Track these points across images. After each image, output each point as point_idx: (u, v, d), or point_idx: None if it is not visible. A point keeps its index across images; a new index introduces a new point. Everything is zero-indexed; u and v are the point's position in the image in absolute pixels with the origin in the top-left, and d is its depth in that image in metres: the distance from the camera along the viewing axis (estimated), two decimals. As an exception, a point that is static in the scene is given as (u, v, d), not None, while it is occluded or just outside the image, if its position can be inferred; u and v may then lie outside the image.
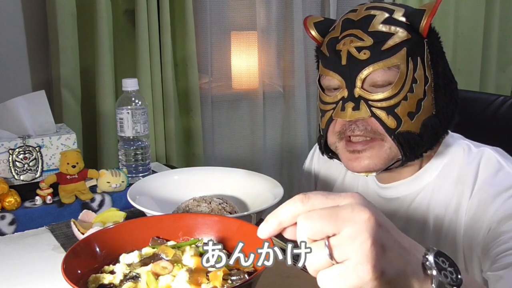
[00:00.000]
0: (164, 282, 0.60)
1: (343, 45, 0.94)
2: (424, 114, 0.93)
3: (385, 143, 0.93)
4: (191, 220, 0.73)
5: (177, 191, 1.12)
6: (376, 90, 0.93)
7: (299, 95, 2.18)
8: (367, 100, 0.92)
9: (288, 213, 0.49)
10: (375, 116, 0.92)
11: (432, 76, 0.94)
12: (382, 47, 0.92)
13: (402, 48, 0.92)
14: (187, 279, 0.58)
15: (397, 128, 0.92)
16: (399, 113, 0.92)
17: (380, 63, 0.91)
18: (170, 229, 0.72)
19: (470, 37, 2.43)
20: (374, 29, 0.93)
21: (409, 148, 0.93)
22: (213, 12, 2.03)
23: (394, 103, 0.92)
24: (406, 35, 0.92)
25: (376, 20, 0.94)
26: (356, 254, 0.46)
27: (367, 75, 0.92)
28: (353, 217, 0.47)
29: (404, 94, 0.92)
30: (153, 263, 0.63)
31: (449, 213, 0.95)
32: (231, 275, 0.60)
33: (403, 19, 0.94)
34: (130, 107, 1.27)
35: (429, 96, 0.94)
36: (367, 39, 0.92)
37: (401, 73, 0.92)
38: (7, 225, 1.08)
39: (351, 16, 0.97)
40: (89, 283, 0.63)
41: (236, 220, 0.72)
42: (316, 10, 2.22)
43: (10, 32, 1.72)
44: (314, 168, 1.23)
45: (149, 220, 0.78)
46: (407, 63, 0.92)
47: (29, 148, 1.19)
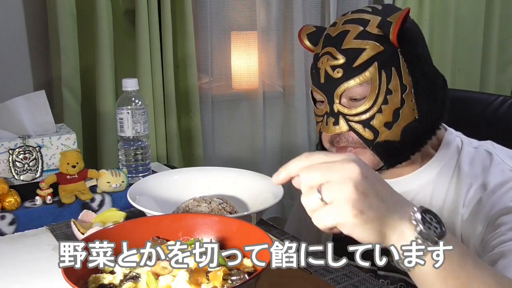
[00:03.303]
0: (164, 282, 0.60)
1: (321, 63, 1.00)
2: (404, 121, 0.96)
3: (367, 150, 0.98)
4: (191, 220, 0.73)
5: (177, 191, 1.12)
6: (353, 104, 0.97)
7: (299, 95, 2.18)
8: (345, 115, 0.97)
9: (294, 166, 0.61)
10: (352, 129, 0.97)
11: (410, 83, 0.96)
12: (354, 64, 0.95)
13: (373, 62, 0.95)
14: (187, 279, 0.59)
15: (375, 139, 0.96)
16: (375, 125, 0.96)
17: (351, 81, 0.95)
18: (170, 229, 0.72)
19: (470, 37, 2.43)
20: (347, 46, 0.96)
21: (389, 156, 0.98)
22: (213, 12, 2.03)
23: (369, 116, 0.96)
24: (377, 47, 0.94)
25: (350, 35, 0.96)
26: (340, 195, 0.56)
27: (341, 92, 0.97)
28: (342, 168, 0.57)
29: (378, 106, 0.95)
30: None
31: (447, 206, 0.98)
32: (231, 275, 0.60)
33: (375, 31, 0.95)
34: (130, 107, 1.27)
35: (408, 102, 0.96)
36: (340, 57, 0.96)
37: (373, 87, 0.95)
38: (7, 225, 1.08)
39: (330, 31, 1.01)
40: (89, 283, 0.63)
41: (236, 220, 0.72)
42: (316, 10, 2.22)
43: (10, 32, 1.72)
44: None
45: (149, 220, 0.78)
46: (379, 77, 0.95)
47: (29, 148, 1.19)
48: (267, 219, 1.17)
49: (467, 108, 1.41)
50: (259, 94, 2.14)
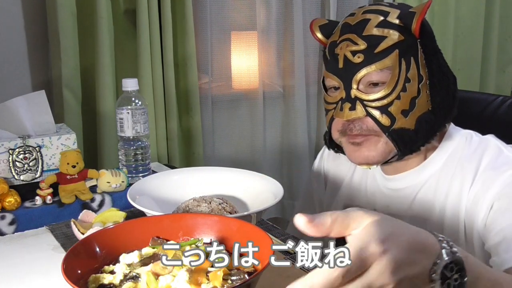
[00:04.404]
0: (164, 282, 0.60)
1: (340, 49, 1.00)
2: (419, 110, 0.98)
3: (380, 138, 0.99)
4: (191, 220, 0.73)
5: (177, 191, 1.12)
6: (371, 90, 0.98)
7: (299, 95, 2.18)
8: (362, 100, 0.98)
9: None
10: (370, 115, 0.98)
11: (426, 74, 0.99)
12: (375, 50, 0.97)
13: (394, 50, 0.97)
14: (187, 279, 0.58)
15: (391, 125, 0.98)
16: (393, 112, 0.97)
17: (373, 65, 0.97)
18: (170, 229, 0.72)
19: (470, 37, 2.43)
20: (368, 33, 0.98)
21: (403, 143, 0.99)
22: (213, 12, 2.03)
23: (388, 102, 0.97)
24: (398, 37, 0.97)
25: (371, 24, 0.99)
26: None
27: (361, 77, 0.98)
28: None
29: (397, 93, 0.97)
30: (153, 263, 0.63)
31: (451, 196, 0.99)
32: (231, 275, 0.60)
33: (396, 21, 0.98)
34: (130, 107, 1.27)
35: (424, 93, 0.98)
36: (361, 43, 0.98)
37: (394, 73, 0.97)
38: (7, 225, 1.08)
39: (349, 20, 1.03)
40: (89, 283, 0.63)
41: (236, 220, 0.72)
42: (316, 10, 2.22)
43: (10, 32, 1.72)
44: (324, 168, 1.26)
45: (149, 220, 0.78)
46: (399, 64, 0.97)
47: (29, 148, 1.19)
48: (267, 219, 1.17)
49: (467, 108, 1.41)
50: (259, 94, 2.14)
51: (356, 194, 1.15)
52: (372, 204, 1.11)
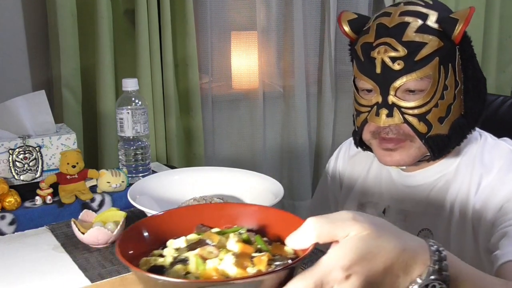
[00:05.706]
0: (211, 265, 0.61)
1: (377, 53, 0.97)
2: (454, 116, 0.98)
3: (414, 143, 0.99)
4: (233, 210, 0.75)
5: (177, 191, 1.12)
6: (409, 97, 0.97)
7: (299, 95, 2.18)
8: (400, 108, 0.97)
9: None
10: (407, 122, 0.97)
11: (462, 79, 0.98)
12: (416, 58, 0.95)
13: (434, 57, 0.95)
14: (233, 262, 0.60)
15: (428, 132, 0.97)
16: (430, 119, 0.97)
17: (413, 74, 0.95)
18: (214, 217, 0.74)
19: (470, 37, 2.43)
20: (408, 39, 0.95)
21: (438, 149, 0.99)
22: (213, 12, 2.03)
23: (426, 110, 0.96)
24: (438, 43, 0.95)
25: (410, 28, 0.96)
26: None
27: (400, 84, 0.96)
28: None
29: (435, 101, 0.96)
30: (200, 247, 0.64)
31: (460, 195, 1.00)
32: (274, 260, 0.62)
33: (435, 26, 0.96)
34: (130, 107, 1.27)
35: (458, 98, 0.98)
36: (401, 50, 0.95)
37: (433, 82, 0.96)
38: (7, 225, 1.08)
39: (385, 21, 0.99)
40: (140, 265, 0.64)
41: (273, 209, 0.75)
42: (316, 10, 2.22)
43: (10, 32, 1.72)
44: (339, 169, 1.26)
45: (194, 208, 0.80)
46: (439, 72, 0.95)
47: (29, 148, 1.19)
48: (267, 219, 1.17)
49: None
50: (259, 94, 2.14)
51: (371, 191, 1.15)
52: (386, 200, 1.11)
